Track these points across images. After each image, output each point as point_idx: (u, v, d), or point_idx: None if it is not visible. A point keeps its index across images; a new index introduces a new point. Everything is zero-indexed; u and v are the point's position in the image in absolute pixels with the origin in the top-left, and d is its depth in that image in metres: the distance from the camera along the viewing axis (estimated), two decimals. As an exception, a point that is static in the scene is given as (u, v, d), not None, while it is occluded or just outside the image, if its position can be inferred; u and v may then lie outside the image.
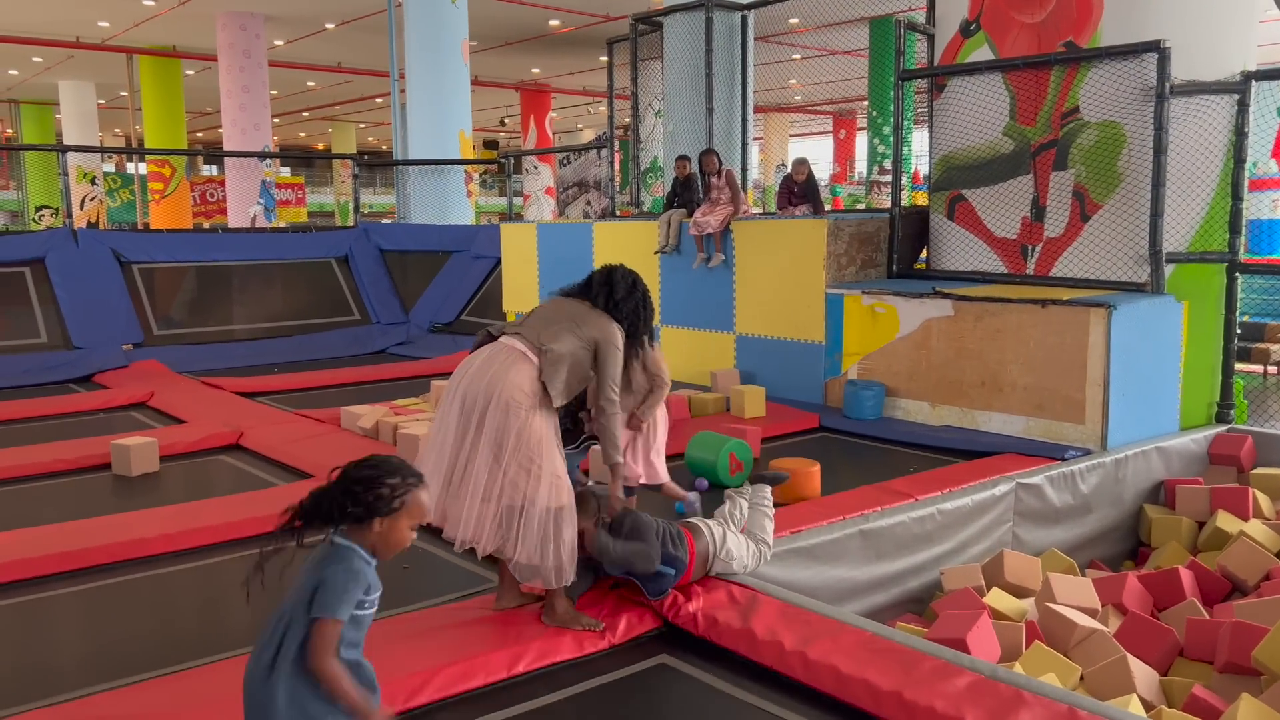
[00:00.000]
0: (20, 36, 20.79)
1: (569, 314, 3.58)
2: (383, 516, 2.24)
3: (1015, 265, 6.89)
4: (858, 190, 30.38)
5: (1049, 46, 6.59)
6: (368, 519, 2.23)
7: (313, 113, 33.74)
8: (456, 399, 3.37)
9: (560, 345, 3.44)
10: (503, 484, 3.28)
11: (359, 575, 2.21)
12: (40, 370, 9.03)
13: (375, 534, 2.25)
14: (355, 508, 2.22)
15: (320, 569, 2.21)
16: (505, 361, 3.36)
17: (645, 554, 3.47)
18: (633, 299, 3.71)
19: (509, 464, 3.28)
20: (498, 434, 3.27)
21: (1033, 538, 5.21)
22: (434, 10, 13.87)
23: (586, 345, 3.52)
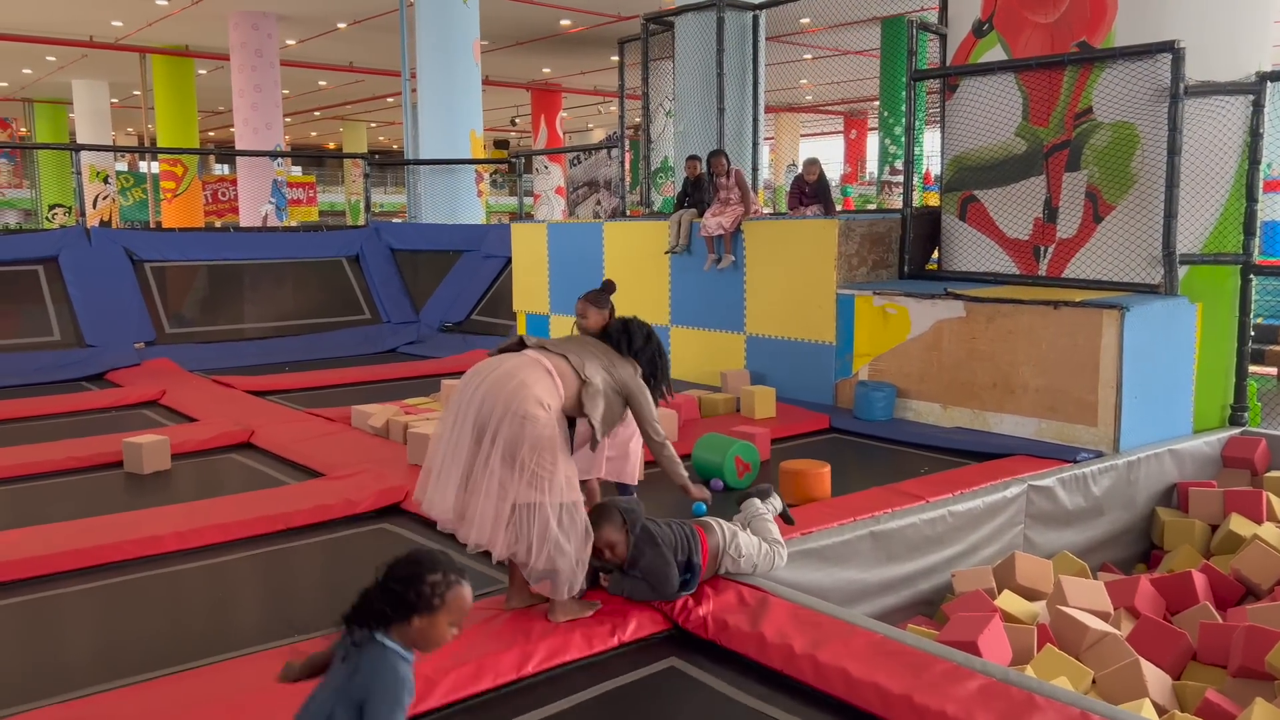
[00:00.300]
0: (34, 36, 20.91)
1: (600, 350, 3.74)
2: (421, 614, 2.21)
3: (1027, 266, 6.86)
4: (869, 191, 30.34)
5: (1062, 47, 6.55)
6: (407, 617, 2.21)
7: (324, 112, 33.84)
8: (474, 404, 3.39)
9: (597, 380, 3.58)
10: (516, 492, 3.32)
11: (407, 682, 2.18)
12: (53, 368, 9.07)
13: (415, 630, 2.22)
14: (396, 610, 2.20)
15: (368, 677, 2.17)
16: (528, 373, 3.43)
17: (665, 578, 3.50)
18: (649, 348, 3.88)
19: (523, 472, 3.31)
20: (512, 443, 3.31)
21: (1044, 540, 5.18)
22: (445, 10, 13.89)
23: (618, 386, 3.68)
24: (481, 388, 3.41)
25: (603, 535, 3.49)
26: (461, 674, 3.12)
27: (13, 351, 9.29)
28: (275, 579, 4.22)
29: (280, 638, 3.46)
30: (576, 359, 3.57)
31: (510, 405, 3.33)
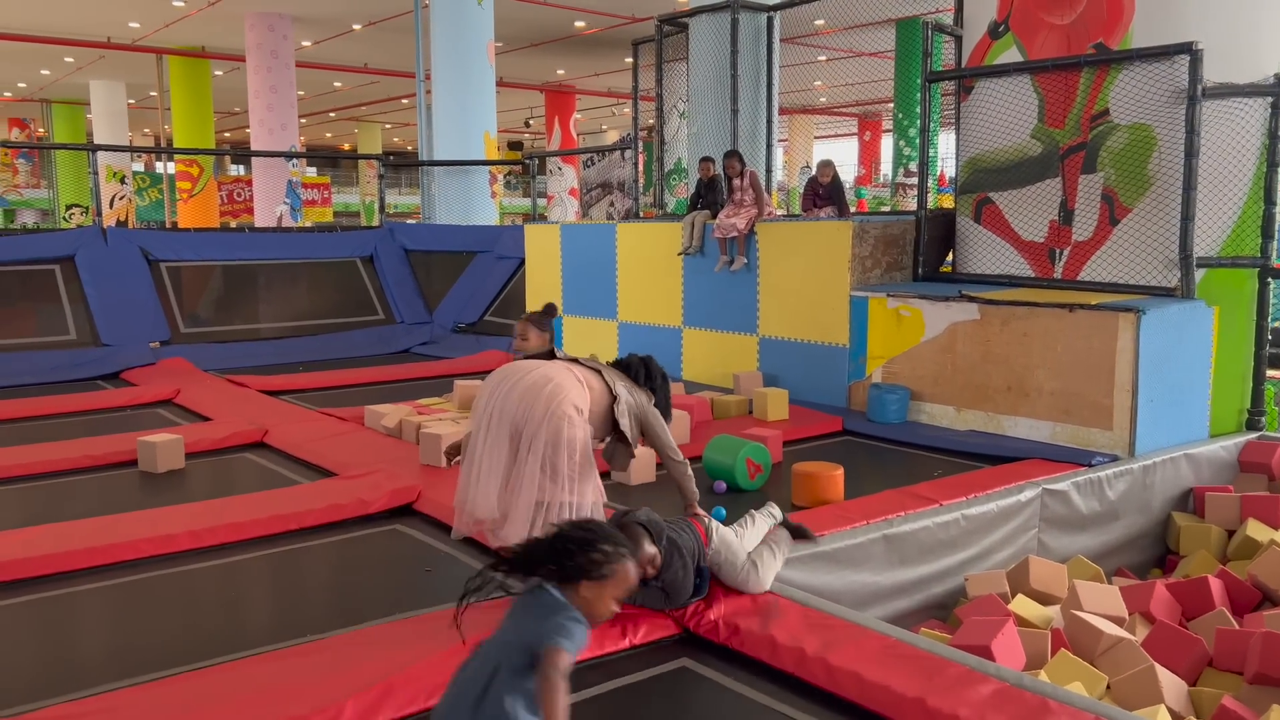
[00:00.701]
0: (52, 37, 21.06)
1: (622, 377, 3.94)
2: (591, 581, 2.22)
3: (1042, 269, 6.82)
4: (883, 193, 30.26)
5: (1079, 48, 6.52)
6: (575, 580, 2.21)
7: (339, 113, 33.98)
8: (509, 405, 3.53)
9: (625, 397, 3.81)
10: (554, 492, 3.46)
11: (585, 627, 2.18)
12: (69, 367, 9.13)
13: (580, 598, 2.21)
14: (567, 564, 2.21)
15: (545, 613, 2.18)
16: (563, 379, 3.58)
17: (684, 588, 3.51)
18: (665, 386, 4.11)
19: (559, 474, 3.46)
20: (551, 444, 3.47)
21: (1059, 544, 5.15)
22: (460, 12, 13.92)
23: (637, 409, 3.87)
24: (516, 390, 3.53)
25: (643, 554, 3.34)
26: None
27: (30, 350, 9.35)
28: (287, 579, 4.23)
29: (292, 637, 3.47)
30: (608, 376, 3.79)
31: (550, 406, 3.48)
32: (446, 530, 4.60)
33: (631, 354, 4.16)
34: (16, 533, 4.44)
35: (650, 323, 8.82)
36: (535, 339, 4.15)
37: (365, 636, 3.44)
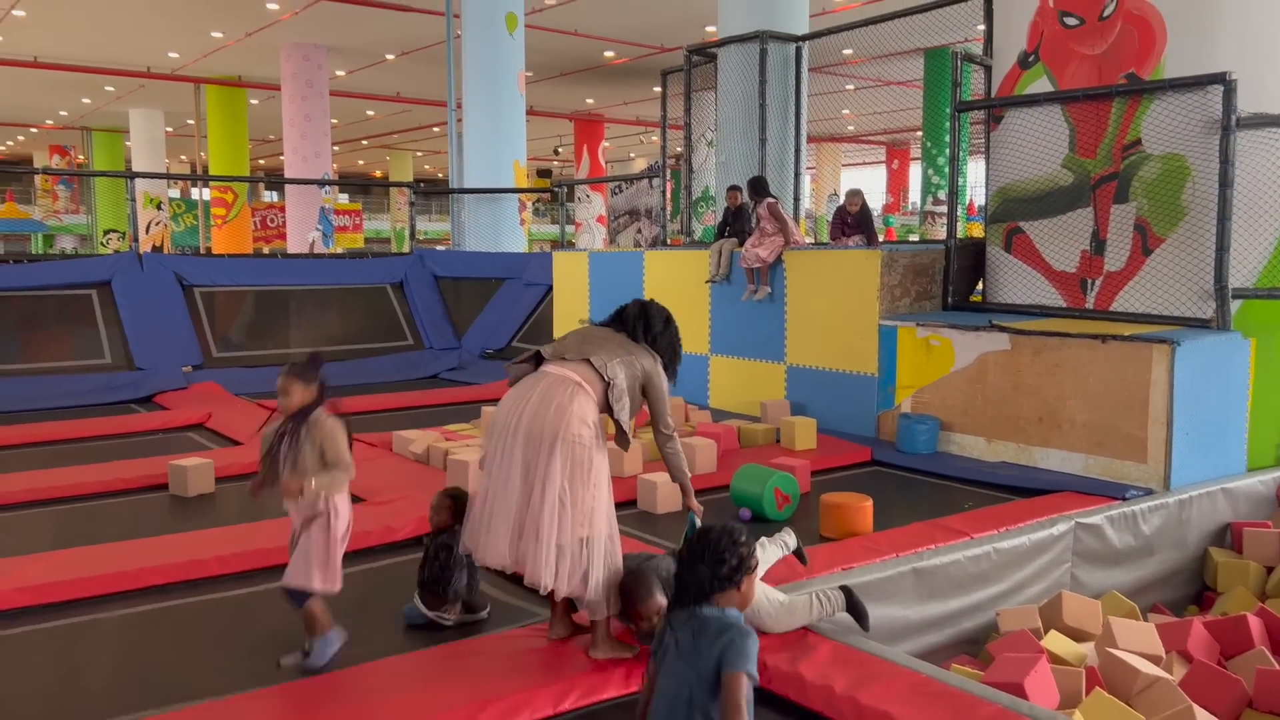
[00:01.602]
0: (95, 66, 21.54)
1: (618, 343, 3.59)
2: (748, 574, 2.50)
3: (1074, 299, 6.76)
4: (911, 221, 30.18)
5: (1110, 78, 6.48)
6: (738, 582, 2.48)
7: (371, 141, 34.43)
8: (518, 439, 3.32)
9: (620, 378, 3.46)
10: (569, 528, 3.28)
11: (754, 637, 2.42)
12: (104, 390, 9.25)
13: (740, 593, 2.48)
14: (731, 577, 2.47)
15: (715, 637, 2.40)
16: (565, 394, 3.34)
17: None
18: (668, 334, 3.74)
19: (573, 502, 3.28)
20: (563, 472, 3.27)
21: (1092, 579, 5.06)
22: (491, 42, 14.10)
23: (637, 377, 3.55)
24: (522, 421, 3.33)
25: (654, 600, 3.31)
26: (501, 707, 3.10)
27: (65, 374, 9.49)
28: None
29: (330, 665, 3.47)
30: (599, 360, 3.46)
31: (557, 431, 3.27)
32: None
33: (632, 302, 3.80)
34: (49, 555, 4.48)
35: (678, 350, 8.82)
36: (299, 394, 3.49)
37: (390, 667, 3.43)
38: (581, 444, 3.30)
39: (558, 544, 3.26)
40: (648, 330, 3.67)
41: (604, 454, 3.43)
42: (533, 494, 3.29)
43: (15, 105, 27.30)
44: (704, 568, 2.48)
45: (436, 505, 3.91)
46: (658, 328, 3.69)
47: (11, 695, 3.35)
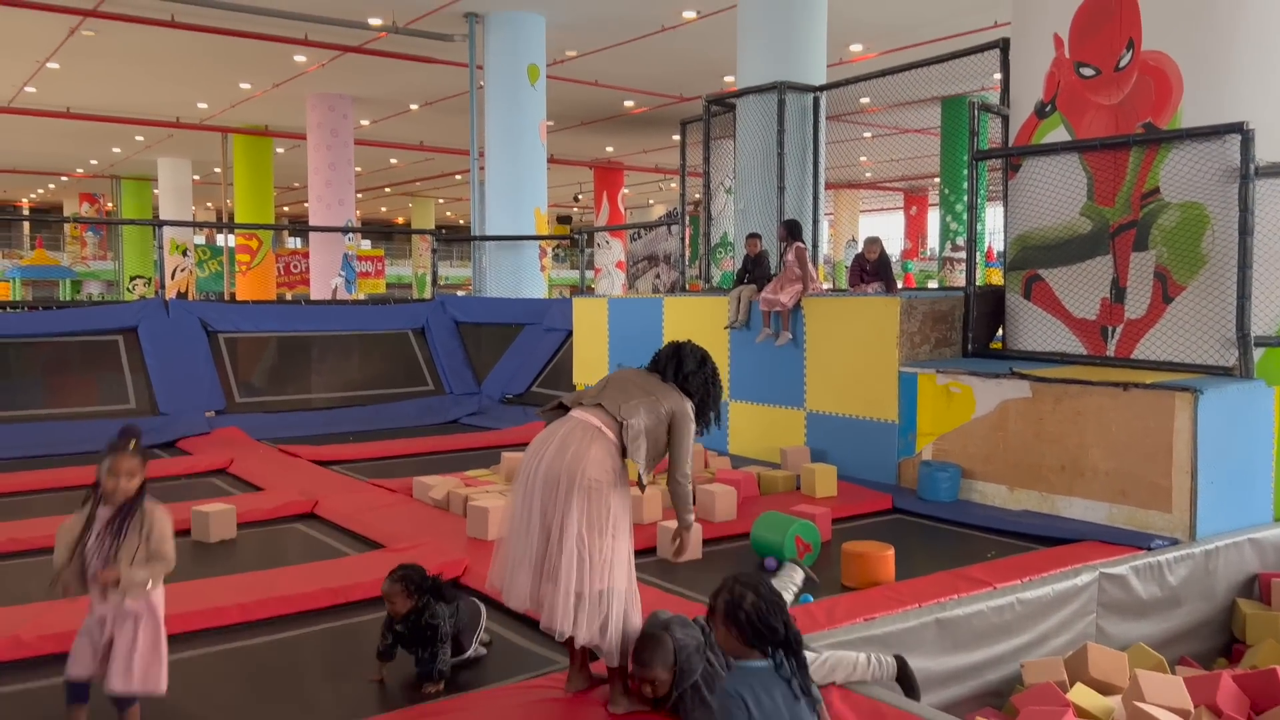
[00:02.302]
0: (126, 117, 22.02)
1: (642, 386, 3.58)
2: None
3: (1095, 346, 6.74)
4: (930, 266, 30.20)
5: (1127, 127, 6.52)
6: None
7: (395, 188, 34.89)
8: (536, 484, 3.33)
9: (637, 420, 3.43)
10: (588, 578, 3.26)
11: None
12: (128, 435, 9.31)
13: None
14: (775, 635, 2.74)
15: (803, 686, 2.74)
16: (584, 440, 3.35)
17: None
18: (702, 374, 3.67)
19: (591, 552, 3.26)
20: (580, 519, 3.26)
21: (1118, 631, 4.99)
22: (514, 92, 14.33)
23: (662, 419, 3.51)
24: (541, 465, 3.35)
25: (649, 671, 3.31)
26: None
27: (91, 419, 9.58)
28: (335, 654, 4.23)
29: (343, 717, 3.47)
30: (613, 403, 3.45)
31: (575, 475, 3.27)
32: (492, 605, 4.59)
33: (668, 343, 3.77)
34: (70, 602, 4.49)
35: (697, 397, 8.82)
36: (139, 476, 3.35)
37: (418, 714, 3.42)
38: (598, 490, 3.28)
39: (576, 592, 3.25)
40: (679, 370, 3.64)
41: (625, 501, 3.41)
42: (550, 538, 3.29)
43: (48, 154, 27.88)
44: (787, 632, 2.74)
45: (389, 593, 3.71)
46: (690, 367, 3.65)
47: (33, 742, 3.37)
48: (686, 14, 14.44)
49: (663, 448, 3.55)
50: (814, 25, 10.29)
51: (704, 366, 3.70)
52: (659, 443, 3.52)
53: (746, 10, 10.43)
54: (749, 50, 10.37)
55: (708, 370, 3.72)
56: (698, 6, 14.10)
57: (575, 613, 3.26)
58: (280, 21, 14.47)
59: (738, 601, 2.72)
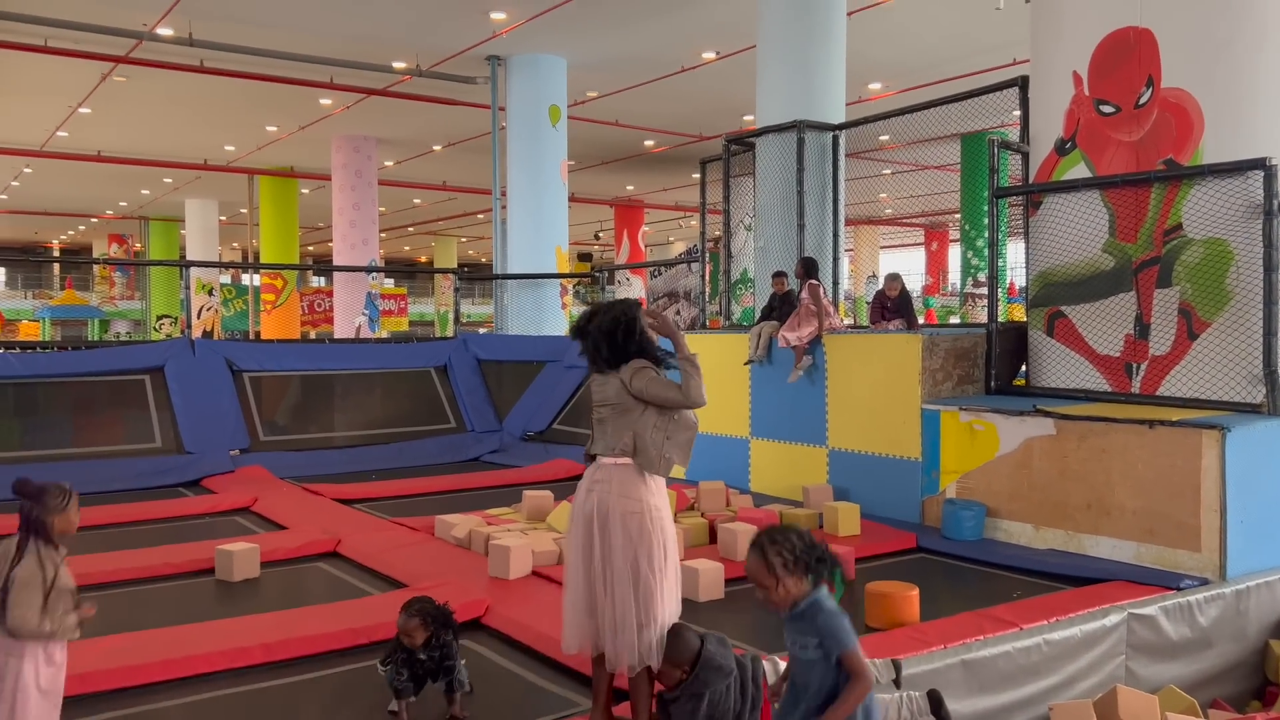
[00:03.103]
0: (155, 160, 22.44)
1: (609, 399, 3.64)
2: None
3: (1119, 383, 6.70)
4: (951, 302, 30.12)
5: (1148, 164, 6.52)
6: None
7: (418, 227, 35.26)
8: (578, 523, 3.56)
9: (628, 439, 3.54)
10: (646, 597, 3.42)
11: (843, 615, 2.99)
12: (153, 474, 9.41)
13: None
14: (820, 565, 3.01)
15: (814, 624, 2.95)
16: (608, 476, 3.53)
17: None
18: (611, 339, 3.62)
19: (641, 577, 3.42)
20: (626, 551, 3.43)
21: (1148, 673, 4.91)
22: (535, 133, 14.52)
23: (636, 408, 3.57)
24: (584, 508, 3.55)
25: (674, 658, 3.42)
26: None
27: (117, 458, 9.68)
28: (361, 693, 4.22)
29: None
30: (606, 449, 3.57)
31: (607, 511, 3.46)
32: (514, 646, 4.58)
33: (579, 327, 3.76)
34: (96, 641, 4.53)
35: (717, 433, 8.81)
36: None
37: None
38: (631, 519, 3.45)
39: (638, 623, 3.39)
40: (611, 350, 3.64)
41: (659, 531, 3.51)
42: (596, 578, 3.48)
43: (79, 197, 28.42)
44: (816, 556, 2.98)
45: (408, 627, 3.75)
46: (605, 349, 3.63)
47: (57, 783, 3.37)
48: (706, 54, 14.61)
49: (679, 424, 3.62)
50: (832, 64, 10.38)
51: (616, 327, 3.62)
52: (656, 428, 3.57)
53: (765, 51, 10.53)
54: (768, 90, 10.47)
55: (605, 327, 3.63)
56: (717, 47, 14.27)
57: (638, 643, 3.38)
58: (306, 66, 14.75)
59: (790, 544, 2.95)
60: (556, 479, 9.15)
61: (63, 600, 3.07)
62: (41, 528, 3.09)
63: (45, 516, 3.11)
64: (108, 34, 13.11)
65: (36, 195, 27.71)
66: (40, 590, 2.99)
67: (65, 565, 3.12)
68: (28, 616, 2.96)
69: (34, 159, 21.71)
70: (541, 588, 5.44)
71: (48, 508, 3.13)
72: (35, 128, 19.12)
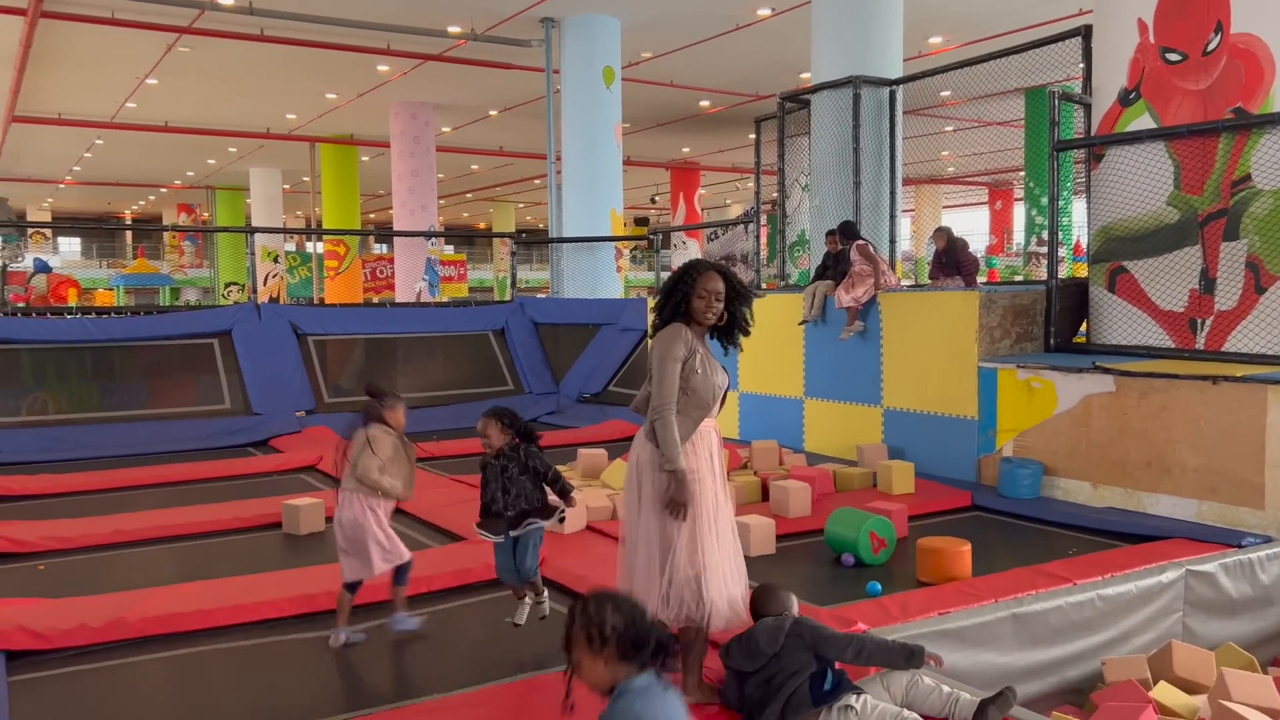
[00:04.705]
0: (220, 129, 22.90)
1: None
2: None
3: (1183, 339, 6.55)
4: (1015, 262, 29.49)
5: (1216, 113, 6.33)
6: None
7: (476, 193, 35.49)
8: (629, 480, 3.58)
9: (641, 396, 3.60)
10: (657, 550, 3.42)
11: None
12: (224, 434, 9.74)
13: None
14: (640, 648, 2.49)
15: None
16: (642, 434, 3.55)
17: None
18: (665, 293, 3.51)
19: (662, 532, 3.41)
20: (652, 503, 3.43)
21: (1206, 630, 4.85)
22: (589, 95, 14.49)
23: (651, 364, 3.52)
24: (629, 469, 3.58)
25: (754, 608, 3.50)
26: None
27: (189, 419, 10.03)
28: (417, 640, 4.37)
29: (421, 694, 3.60)
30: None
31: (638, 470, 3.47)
32: (571, 595, 4.69)
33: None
34: (172, 589, 4.76)
35: (772, 393, 8.83)
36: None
37: (488, 696, 3.53)
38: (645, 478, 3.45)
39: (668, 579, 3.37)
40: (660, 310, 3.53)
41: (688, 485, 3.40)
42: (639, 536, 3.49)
43: (148, 167, 29.12)
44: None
45: (483, 428, 4.26)
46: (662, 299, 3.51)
47: (139, 717, 3.58)
48: (761, 11, 14.40)
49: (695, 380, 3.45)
50: (890, 18, 10.20)
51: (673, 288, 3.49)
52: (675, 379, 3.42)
53: (821, 5, 10.38)
54: (824, 46, 10.32)
55: (671, 284, 3.51)
56: (772, 4, 14.06)
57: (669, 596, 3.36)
58: (363, 32, 14.88)
59: (601, 618, 2.39)
60: (612, 439, 9.25)
61: (399, 467, 4.38)
62: (375, 415, 4.31)
63: (379, 409, 4.34)
64: (171, 4, 13.38)
65: (108, 166, 28.45)
66: (371, 454, 4.20)
67: (394, 440, 4.36)
68: (369, 468, 4.18)
69: (105, 130, 22.28)
70: (596, 541, 5.57)
71: (382, 404, 4.35)
72: (105, 100, 19.61)
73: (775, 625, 3.34)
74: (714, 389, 3.47)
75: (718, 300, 3.45)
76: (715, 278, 3.45)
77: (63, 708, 3.66)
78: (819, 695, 3.16)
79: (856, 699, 3.14)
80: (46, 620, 4.24)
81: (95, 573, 5.35)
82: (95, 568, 5.47)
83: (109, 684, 3.88)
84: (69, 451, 8.98)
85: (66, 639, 4.16)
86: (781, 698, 3.17)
